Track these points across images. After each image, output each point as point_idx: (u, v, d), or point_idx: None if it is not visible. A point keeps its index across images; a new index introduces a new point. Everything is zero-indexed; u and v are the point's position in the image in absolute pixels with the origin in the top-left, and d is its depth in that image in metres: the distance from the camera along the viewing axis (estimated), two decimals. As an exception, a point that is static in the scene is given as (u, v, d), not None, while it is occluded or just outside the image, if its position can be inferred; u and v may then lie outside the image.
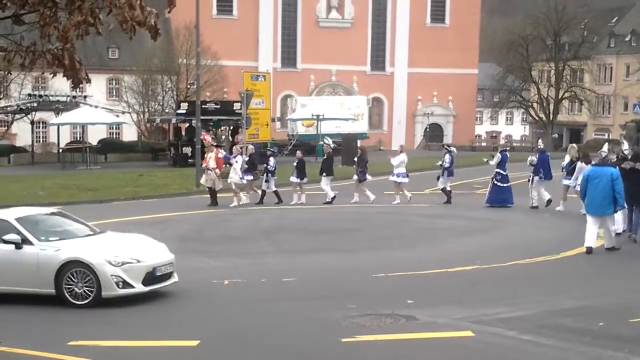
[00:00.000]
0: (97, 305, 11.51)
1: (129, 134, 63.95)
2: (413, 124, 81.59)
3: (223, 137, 45.79)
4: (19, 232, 12.08)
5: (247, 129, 34.40)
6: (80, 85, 7.39)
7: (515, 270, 14.06)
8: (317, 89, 77.94)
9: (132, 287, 11.78)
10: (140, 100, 60.94)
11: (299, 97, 65.74)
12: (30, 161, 50.09)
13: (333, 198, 25.56)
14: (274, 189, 25.86)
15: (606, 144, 17.49)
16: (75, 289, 11.63)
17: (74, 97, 50.63)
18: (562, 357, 8.63)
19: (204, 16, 42.05)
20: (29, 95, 53.44)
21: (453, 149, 26.03)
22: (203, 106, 38.61)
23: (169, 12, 6.28)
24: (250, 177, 25.98)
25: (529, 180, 23.81)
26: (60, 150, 50.74)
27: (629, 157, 17.20)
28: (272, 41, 78.18)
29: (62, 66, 6.70)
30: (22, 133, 58.51)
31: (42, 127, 62.80)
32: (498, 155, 24.00)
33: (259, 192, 26.23)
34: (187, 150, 41.99)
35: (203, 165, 26.26)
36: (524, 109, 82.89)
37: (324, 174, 25.98)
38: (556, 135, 77.48)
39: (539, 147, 24.98)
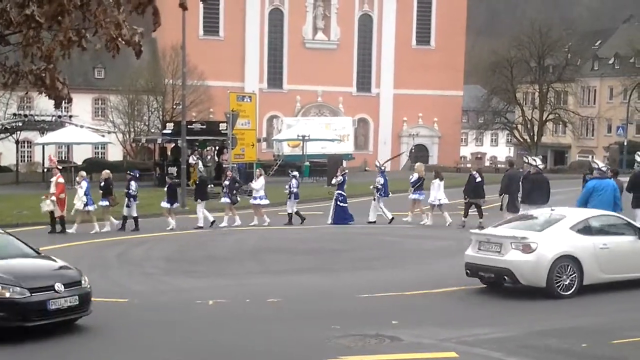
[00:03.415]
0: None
1: (115, 154, 63.76)
2: (398, 144, 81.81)
3: (209, 157, 45.74)
4: None
5: (232, 149, 34.45)
6: (64, 105, 7.40)
7: (500, 291, 14.08)
8: (303, 110, 78.13)
9: None
10: (126, 120, 60.84)
11: (284, 118, 65.85)
12: (14, 180, 49.83)
13: (213, 222, 25.11)
14: (135, 214, 24.88)
15: (597, 160, 19.56)
16: None
17: (59, 116, 50.51)
18: (546, 377, 8.63)
19: (190, 37, 42.12)
20: (14, 114, 53.28)
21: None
22: (189, 126, 38.57)
23: (154, 30, 6.26)
24: (106, 203, 24.89)
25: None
26: (45, 170, 50.51)
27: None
28: (258, 62, 78.41)
29: (44, 86, 6.71)
30: (7, 152, 58.29)
31: (27, 147, 62.57)
32: (339, 178, 25.36)
33: (113, 220, 25.05)
34: (173, 170, 41.87)
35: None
36: (508, 131, 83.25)
37: (198, 199, 25.47)
38: (540, 157, 77.77)
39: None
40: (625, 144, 66.20)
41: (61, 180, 24.54)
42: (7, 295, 10.60)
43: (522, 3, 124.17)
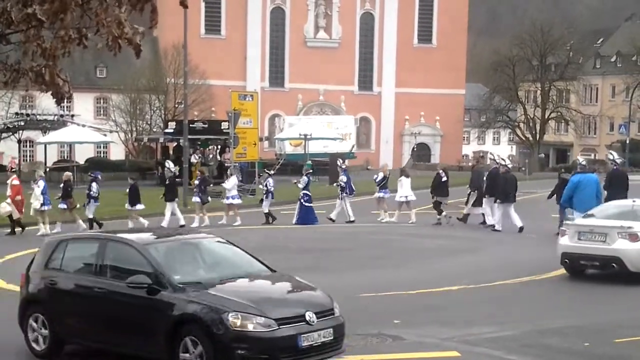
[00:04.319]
0: None
1: (117, 153, 63.80)
2: (400, 143, 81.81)
3: (211, 156, 45.75)
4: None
5: (234, 148, 34.43)
6: (66, 104, 7.42)
7: (501, 290, 14.07)
8: (304, 109, 78.11)
9: None
10: (128, 119, 60.86)
11: (286, 117, 65.86)
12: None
13: (182, 226, 24.56)
14: (91, 216, 24.46)
15: (580, 157, 23.11)
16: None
17: (62, 116, 50.54)
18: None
19: (192, 36, 42.08)
20: (16, 114, 53.30)
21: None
22: (191, 125, 38.57)
23: (150, 27, 6.22)
24: (64, 206, 24.45)
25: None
26: (47, 169, 50.55)
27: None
28: (260, 61, 78.41)
29: (44, 83, 6.71)
30: (9, 152, 58.29)
31: (29, 146, 62.63)
32: (304, 178, 25.53)
33: (82, 222, 24.50)
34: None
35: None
36: (510, 129, 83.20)
37: (166, 199, 25.17)
38: (542, 155, 77.81)
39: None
40: (628, 142, 66.19)
41: (16, 182, 24.30)
42: (250, 327, 8.36)
43: (522, 3, 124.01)
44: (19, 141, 52.79)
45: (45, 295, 10.08)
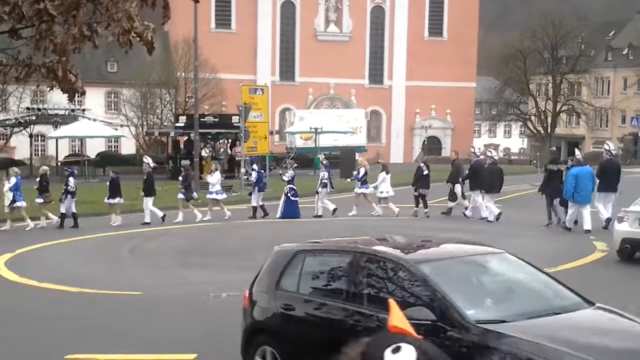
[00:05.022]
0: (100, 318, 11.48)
1: (128, 147, 63.96)
2: (411, 136, 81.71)
3: (221, 150, 45.82)
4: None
5: (245, 142, 34.48)
6: (77, 98, 7.43)
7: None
8: (315, 102, 78.08)
9: None
10: (139, 114, 61.02)
11: (297, 110, 65.87)
12: (28, 174, 50.05)
13: (164, 217, 24.87)
14: (74, 210, 24.50)
15: (576, 149, 24.26)
16: None
17: (73, 110, 50.74)
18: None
19: (202, 30, 42.16)
20: (28, 108, 53.53)
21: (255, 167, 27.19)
22: (201, 119, 38.66)
23: (163, 23, 6.16)
24: (40, 200, 24.48)
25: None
26: (59, 164, 50.73)
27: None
28: (271, 54, 78.39)
29: (56, 78, 6.72)
30: (20, 146, 58.53)
31: (41, 141, 62.85)
32: (290, 172, 25.81)
33: (53, 216, 24.60)
34: (186, 163, 42.02)
35: None
36: (522, 122, 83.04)
37: (145, 195, 25.12)
38: (554, 148, 77.58)
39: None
40: (640, 134, 65.91)
41: None
42: None
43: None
44: (31, 136, 53.00)
45: (277, 324, 7.89)
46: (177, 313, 12.21)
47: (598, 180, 20.72)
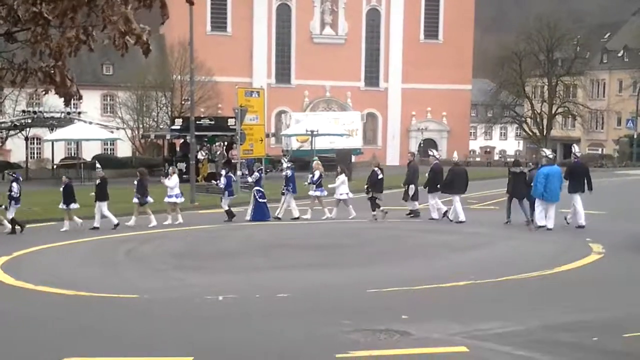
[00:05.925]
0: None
1: (124, 150, 63.96)
2: (407, 139, 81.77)
3: (217, 152, 45.79)
4: None
5: (241, 144, 34.47)
6: (73, 102, 7.42)
7: (509, 285, 14.05)
8: (311, 105, 78.14)
9: None
10: (135, 116, 61.02)
11: (293, 113, 65.87)
12: (24, 177, 50.00)
13: (116, 225, 24.47)
14: (12, 216, 24.20)
15: (545, 149, 24.25)
16: None
17: (68, 113, 50.69)
18: (557, 372, 8.60)
19: (198, 33, 42.12)
20: (23, 111, 53.50)
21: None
22: (197, 122, 38.63)
23: (162, 23, 6.24)
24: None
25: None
26: (55, 167, 50.68)
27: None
28: (266, 57, 78.43)
29: (54, 83, 6.71)
30: (16, 149, 58.52)
31: (37, 143, 62.82)
32: (255, 174, 25.95)
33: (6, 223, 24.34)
34: (182, 166, 42.02)
35: None
36: (517, 124, 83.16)
37: (97, 200, 24.74)
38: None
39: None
40: (635, 136, 66.01)
41: None
42: None
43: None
44: (26, 139, 52.95)
45: None
46: (173, 316, 12.20)
47: (567, 181, 21.69)
